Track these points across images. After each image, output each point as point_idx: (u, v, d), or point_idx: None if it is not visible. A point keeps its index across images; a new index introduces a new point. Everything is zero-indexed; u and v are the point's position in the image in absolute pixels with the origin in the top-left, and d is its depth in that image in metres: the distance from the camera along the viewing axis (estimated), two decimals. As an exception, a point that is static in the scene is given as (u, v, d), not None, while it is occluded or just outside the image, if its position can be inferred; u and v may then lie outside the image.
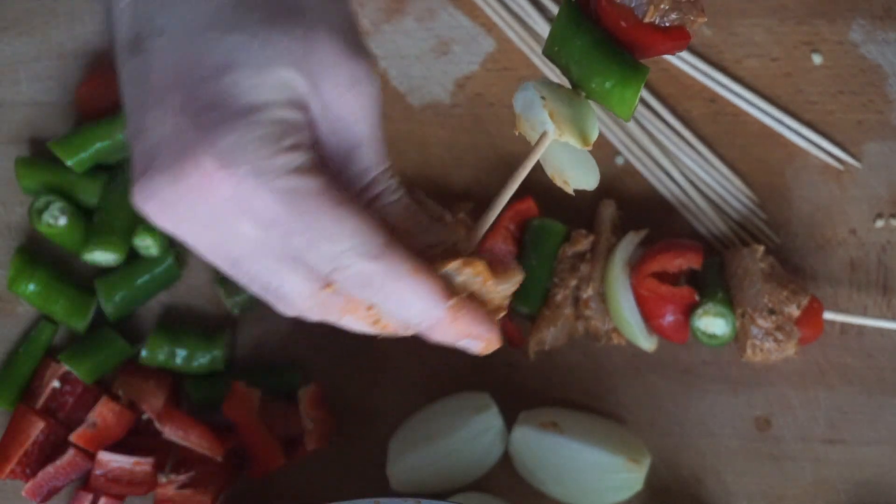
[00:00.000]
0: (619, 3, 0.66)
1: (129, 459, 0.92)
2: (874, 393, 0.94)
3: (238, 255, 0.65)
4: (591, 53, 0.66)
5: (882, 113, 0.96)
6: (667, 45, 0.67)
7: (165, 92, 0.63)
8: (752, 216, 0.96)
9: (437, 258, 0.67)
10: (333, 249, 0.64)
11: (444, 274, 0.67)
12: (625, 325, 0.91)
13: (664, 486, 0.94)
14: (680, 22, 0.66)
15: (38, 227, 0.95)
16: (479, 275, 0.67)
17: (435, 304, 0.66)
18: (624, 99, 0.66)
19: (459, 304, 0.67)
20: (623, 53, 0.67)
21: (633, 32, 0.66)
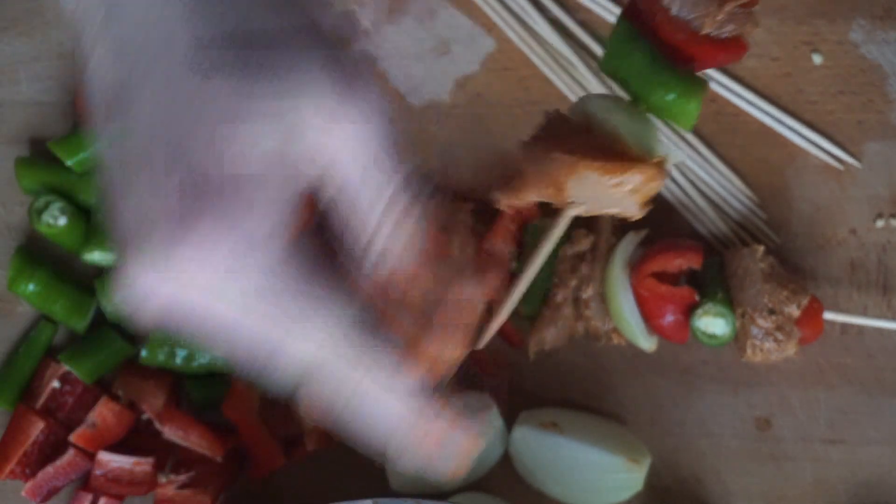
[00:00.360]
0: (675, 17, 0.65)
1: (129, 459, 0.92)
2: (874, 393, 0.94)
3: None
4: (650, 68, 0.66)
5: (882, 113, 0.96)
6: (724, 57, 0.67)
7: (151, 158, 0.61)
8: (752, 216, 0.96)
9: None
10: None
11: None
12: (625, 326, 0.91)
13: (664, 486, 0.94)
14: (736, 33, 0.65)
15: (37, 227, 0.95)
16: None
17: (407, 412, 0.64)
18: (686, 112, 0.66)
19: (434, 417, 0.65)
20: (682, 67, 0.66)
21: (691, 46, 0.66)
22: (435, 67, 0.98)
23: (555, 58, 0.97)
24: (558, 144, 0.66)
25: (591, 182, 0.65)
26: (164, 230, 0.60)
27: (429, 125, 0.98)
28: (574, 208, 0.67)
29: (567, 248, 0.93)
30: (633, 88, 0.67)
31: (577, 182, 0.65)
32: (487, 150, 0.97)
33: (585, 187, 0.65)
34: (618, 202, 0.66)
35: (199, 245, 0.59)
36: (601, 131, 0.66)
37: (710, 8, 0.65)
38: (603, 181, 0.65)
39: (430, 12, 0.99)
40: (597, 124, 0.67)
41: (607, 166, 0.65)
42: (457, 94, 0.98)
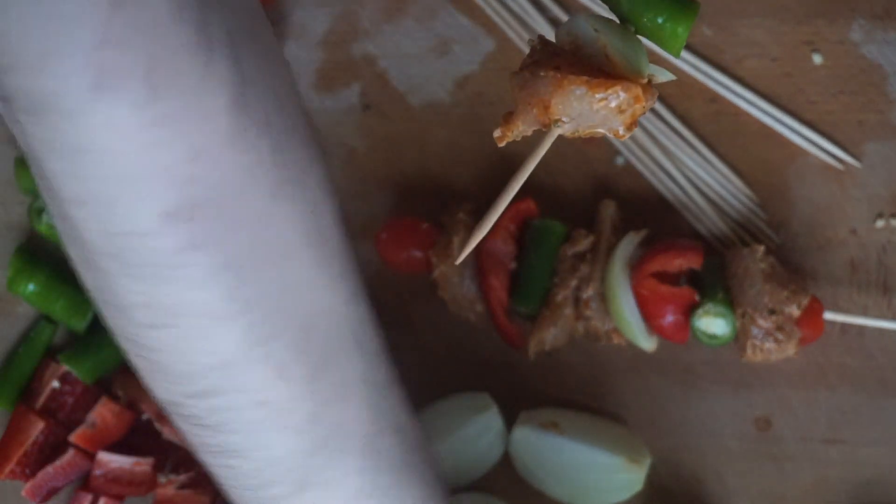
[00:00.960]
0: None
1: (129, 460, 0.92)
2: (875, 393, 0.94)
3: None
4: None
5: (882, 113, 0.96)
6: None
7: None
8: (752, 216, 0.96)
9: None
10: None
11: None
12: (625, 326, 0.91)
13: (664, 486, 0.94)
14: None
15: (37, 227, 0.95)
16: None
17: None
18: (675, 35, 0.66)
19: None
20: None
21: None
22: (435, 67, 0.98)
23: (555, 58, 0.97)
24: (545, 65, 0.67)
25: (577, 98, 0.66)
26: None
27: (429, 125, 0.98)
28: (560, 127, 0.68)
29: (567, 248, 0.93)
30: (623, 10, 0.68)
31: (562, 98, 0.66)
32: (488, 151, 0.97)
33: (571, 104, 0.66)
34: (604, 120, 0.67)
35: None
36: (589, 51, 0.67)
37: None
38: (589, 96, 0.66)
39: (430, 12, 0.99)
40: (584, 44, 0.67)
41: (593, 81, 0.65)
42: (457, 94, 0.98)
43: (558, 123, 0.67)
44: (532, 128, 0.68)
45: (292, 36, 0.99)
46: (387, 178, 0.97)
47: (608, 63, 0.67)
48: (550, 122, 0.67)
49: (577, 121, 0.67)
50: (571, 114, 0.66)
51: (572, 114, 0.66)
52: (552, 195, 0.95)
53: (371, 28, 0.99)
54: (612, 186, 0.96)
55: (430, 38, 0.99)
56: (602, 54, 0.67)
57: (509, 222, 0.93)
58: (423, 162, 0.97)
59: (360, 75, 0.98)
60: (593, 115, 0.66)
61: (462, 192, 0.97)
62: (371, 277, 0.96)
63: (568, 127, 0.67)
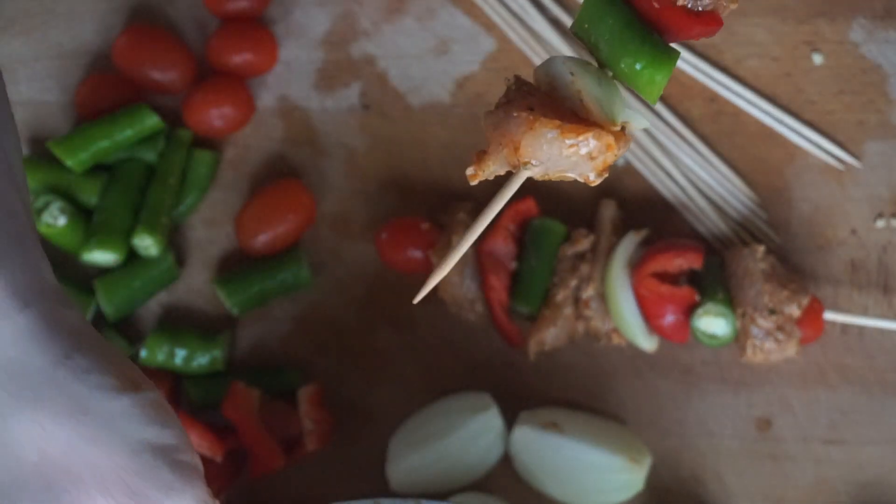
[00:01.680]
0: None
1: (129, 460, 0.92)
2: (875, 393, 0.94)
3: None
4: (622, 33, 0.65)
5: (882, 112, 0.96)
6: (698, 30, 0.66)
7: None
8: (752, 216, 0.96)
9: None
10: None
11: None
12: (625, 325, 0.91)
13: (664, 486, 0.94)
14: (713, 7, 0.65)
15: (37, 227, 0.94)
16: None
17: None
18: (653, 82, 0.65)
19: None
20: (655, 36, 0.66)
21: (666, 14, 0.65)
22: (435, 67, 0.98)
23: (555, 58, 0.97)
24: (518, 105, 0.66)
25: (548, 141, 0.65)
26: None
27: (429, 125, 0.98)
28: (529, 169, 0.66)
29: (567, 248, 0.93)
30: (602, 54, 0.67)
31: (533, 140, 0.65)
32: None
33: (542, 147, 0.65)
34: (574, 166, 0.65)
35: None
36: (564, 93, 0.66)
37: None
38: (559, 141, 0.65)
39: (430, 12, 0.99)
40: (560, 86, 0.66)
41: (565, 126, 0.64)
42: (457, 94, 0.98)
43: (528, 166, 0.66)
44: (503, 168, 0.67)
45: (292, 36, 0.99)
46: (387, 178, 0.97)
47: (582, 108, 0.66)
48: (520, 164, 0.66)
49: (547, 164, 0.66)
50: (541, 157, 0.65)
51: (542, 157, 0.65)
52: (552, 195, 0.95)
53: (371, 28, 0.99)
54: (613, 186, 0.96)
55: (430, 38, 0.99)
56: (577, 98, 0.66)
57: (509, 222, 0.93)
58: (423, 162, 0.97)
59: (360, 75, 0.98)
60: (563, 160, 0.65)
61: (462, 192, 0.97)
62: (371, 277, 0.96)
63: (537, 170, 0.66)
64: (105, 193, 0.95)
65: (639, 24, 0.66)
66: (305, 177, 0.98)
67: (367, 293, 0.96)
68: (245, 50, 0.98)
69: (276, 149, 0.98)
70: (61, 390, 0.67)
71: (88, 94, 0.98)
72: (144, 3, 1.00)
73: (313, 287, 0.96)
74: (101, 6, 1.00)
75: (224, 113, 0.97)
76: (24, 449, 0.66)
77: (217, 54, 0.98)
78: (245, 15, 0.99)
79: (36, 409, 0.66)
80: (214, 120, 0.97)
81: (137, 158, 0.97)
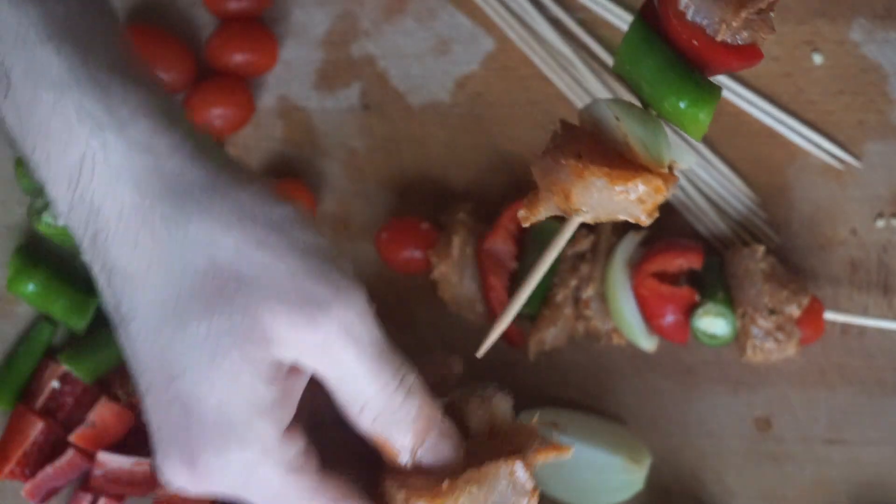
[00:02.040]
0: (690, 22, 0.64)
1: (129, 460, 0.92)
2: (875, 393, 0.94)
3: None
4: (664, 72, 0.65)
5: (883, 112, 0.96)
6: (739, 64, 0.65)
7: (149, 388, 0.67)
8: (752, 216, 0.96)
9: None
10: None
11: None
12: (625, 326, 0.91)
13: (664, 486, 0.93)
14: (751, 40, 0.65)
15: (37, 227, 0.94)
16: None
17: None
18: (697, 120, 0.65)
19: None
20: (696, 73, 0.65)
21: (706, 51, 0.65)
22: (435, 67, 0.98)
23: (555, 57, 0.97)
24: (566, 152, 0.65)
25: (598, 189, 0.65)
26: (176, 454, 0.66)
27: (429, 125, 0.98)
28: (581, 216, 0.67)
29: (567, 248, 0.93)
30: (645, 93, 0.66)
31: (583, 189, 0.65)
32: (488, 151, 0.97)
33: (592, 194, 0.65)
34: (625, 209, 0.66)
35: (206, 473, 0.66)
36: (610, 137, 0.66)
37: (727, 13, 0.63)
38: (609, 188, 0.65)
39: (430, 12, 0.99)
40: (605, 130, 0.66)
41: (613, 173, 0.64)
42: (457, 94, 0.98)
43: (579, 213, 0.66)
44: (554, 213, 0.68)
45: (292, 36, 0.99)
46: (387, 178, 0.97)
47: (629, 151, 0.65)
48: (572, 211, 0.66)
49: (598, 210, 0.66)
50: (592, 203, 0.66)
51: (592, 203, 0.66)
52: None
53: (371, 28, 0.98)
54: (612, 186, 0.96)
55: (430, 38, 0.98)
56: (623, 141, 0.66)
57: (509, 222, 0.93)
58: (423, 162, 0.97)
59: (360, 75, 0.98)
60: (614, 205, 0.66)
61: (462, 192, 0.96)
62: (371, 277, 0.96)
63: (589, 216, 0.67)
64: (105, 193, 0.95)
65: (680, 62, 0.65)
66: (305, 177, 0.98)
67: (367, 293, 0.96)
68: (245, 50, 0.98)
69: (276, 149, 0.98)
70: (225, 198, 0.67)
71: (88, 94, 0.98)
72: (144, 3, 1.00)
73: (313, 287, 0.96)
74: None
75: (224, 113, 0.97)
76: (193, 257, 0.66)
77: (217, 54, 0.98)
78: (245, 15, 0.98)
79: (202, 219, 0.66)
80: (214, 120, 0.97)
81: (137, 158, 0.97)
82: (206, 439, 0.66)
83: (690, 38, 0.65)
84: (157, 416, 0.67)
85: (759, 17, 0.64)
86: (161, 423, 0.67)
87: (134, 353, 0.67)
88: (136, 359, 0.67)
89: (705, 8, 0.64)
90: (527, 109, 0.97)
